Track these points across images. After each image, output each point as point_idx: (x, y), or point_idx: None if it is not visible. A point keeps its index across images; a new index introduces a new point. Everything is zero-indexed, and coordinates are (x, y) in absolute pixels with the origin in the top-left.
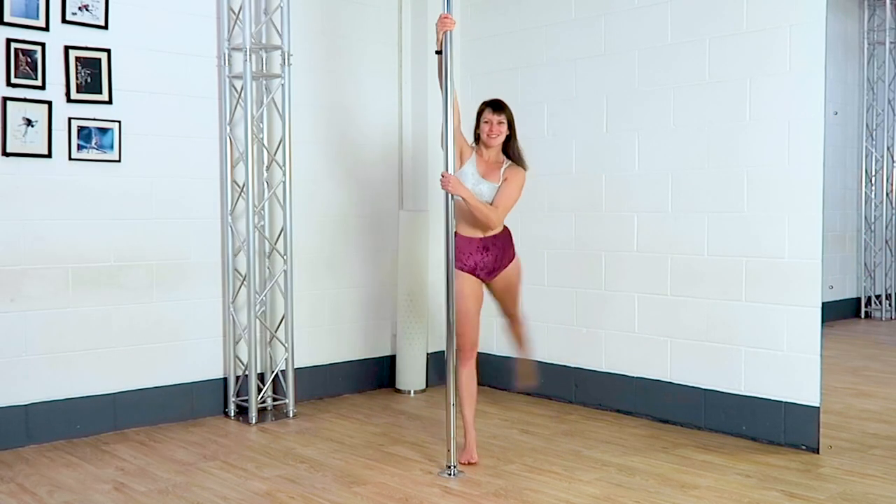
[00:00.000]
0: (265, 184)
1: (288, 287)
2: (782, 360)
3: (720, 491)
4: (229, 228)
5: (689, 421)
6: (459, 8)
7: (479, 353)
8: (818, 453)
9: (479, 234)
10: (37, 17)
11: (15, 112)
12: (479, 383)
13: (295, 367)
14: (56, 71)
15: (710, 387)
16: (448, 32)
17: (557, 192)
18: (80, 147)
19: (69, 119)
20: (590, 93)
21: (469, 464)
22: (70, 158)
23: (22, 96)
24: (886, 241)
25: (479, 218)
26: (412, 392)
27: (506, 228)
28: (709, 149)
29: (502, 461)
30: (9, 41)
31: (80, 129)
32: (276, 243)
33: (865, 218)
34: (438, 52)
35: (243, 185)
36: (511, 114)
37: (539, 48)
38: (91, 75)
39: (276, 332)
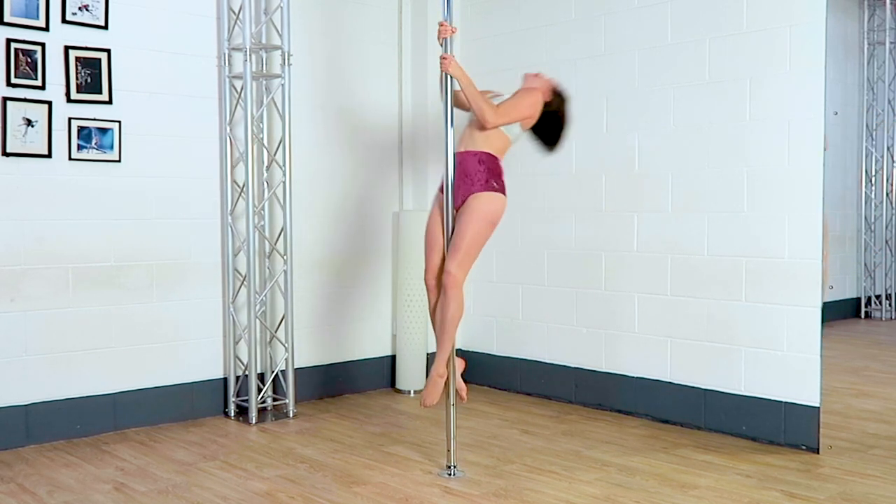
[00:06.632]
0: (265, 184)
1: (288, 287)
2: (782, 360)
3: (720, 491)
4: (229, 228)
5: (689, 421)
6: (459, 8)
7: (477, 353)
8: (818, 453)
9: (461, 148)
10: (37, 17)
11: (15, 112)
12: (479, 383)
13: (295, 367)
14: (56, 71)
15: (710, 387)
16: (448, 38)
17: (557, 192)
18: (80, 147)
19: (69, 119)
20: (590, 93)
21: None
22: (70, 158)
23: (22, 96)
24: (886, 241)
25: (474, 109)
26: (412, 392)
27: (488, 155)
28: (709, 149)
29: (502, 461)
30: (9, 41)
31: (80, 129)
32: (276, 243)
33: (865, 218)
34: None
35: (243, 185)
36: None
37: (539, 48)
38: (91, 75)
39: (276, 332)
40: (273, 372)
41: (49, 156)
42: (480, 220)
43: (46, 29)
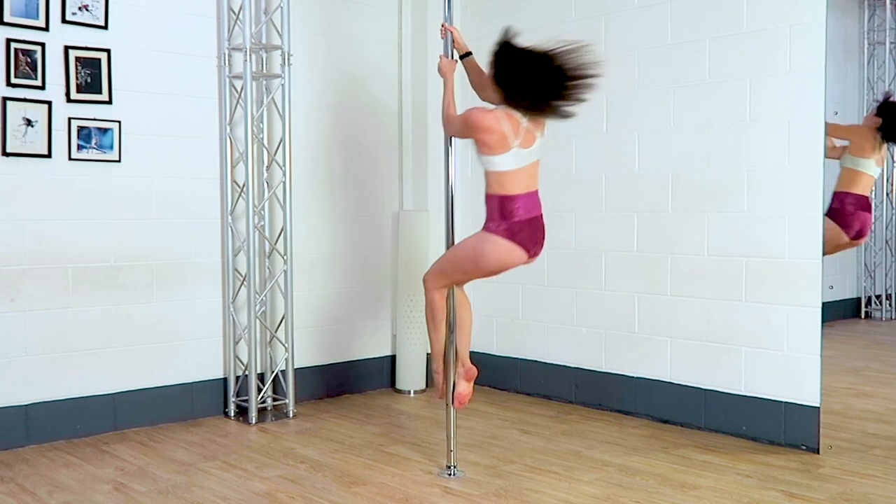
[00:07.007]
0: (265, 184)
1: (288, 287)
2: (782, 360)
3: (720, 491)
4: (229, 228)
5: (689, 421)
6: (459, 8)
7: (477, 353)
8: (818, 453)
9: None
10: (37, 17)
11: (15, 112)
12: (479, 383)
13: (295, 367)
14: (56, 71)
15: (710, 387)
16: (449, 36)
17: (557, 192)
18: (80, 147)
19: (69, 119)
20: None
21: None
22: (70, 158)
23: (22, 96)
24: (886, 241)
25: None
26: (412, 392)
27: (486, 196)
28: (709, 149)
29: (502, 461)
30: (9, 41)
31: (80, 129)
32: (276, 243)
33: None
34: (462, 57)
35: (243, 185)
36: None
37: None
38: (91, 75)
39: (276, 332)
40: (273, 372)
41: (49, 156)
42: (464, 248)
43: (46, 29)
